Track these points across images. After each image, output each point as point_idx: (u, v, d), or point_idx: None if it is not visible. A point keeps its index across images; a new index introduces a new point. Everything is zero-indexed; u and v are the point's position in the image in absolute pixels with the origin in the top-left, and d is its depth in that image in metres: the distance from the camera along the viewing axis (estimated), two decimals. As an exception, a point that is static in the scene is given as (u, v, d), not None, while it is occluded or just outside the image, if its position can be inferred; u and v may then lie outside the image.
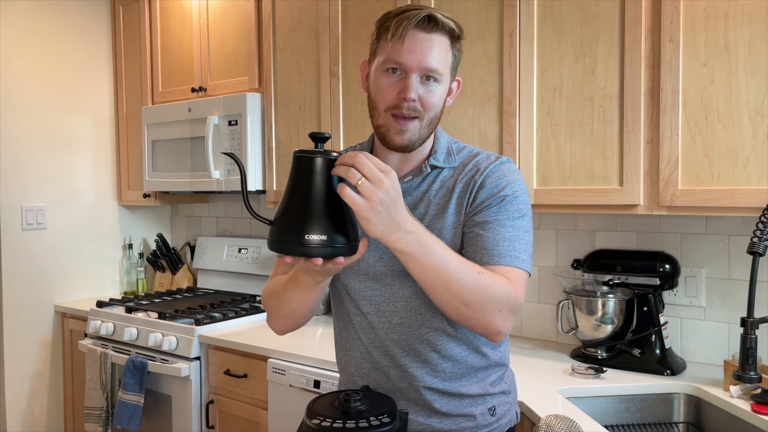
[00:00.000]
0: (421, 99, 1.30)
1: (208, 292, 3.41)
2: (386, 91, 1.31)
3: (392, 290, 1.38)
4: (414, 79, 1.29)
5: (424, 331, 1.37)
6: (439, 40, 1.30)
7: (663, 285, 2.09)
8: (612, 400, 1.93)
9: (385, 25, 1.33)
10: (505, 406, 1.46)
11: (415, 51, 1.28)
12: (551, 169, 2.09)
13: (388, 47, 1.30)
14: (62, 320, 3.30)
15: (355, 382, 1.46)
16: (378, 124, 1.35)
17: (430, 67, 1.29)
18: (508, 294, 1.23)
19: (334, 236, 1.10)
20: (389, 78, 1.31)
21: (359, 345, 1.44)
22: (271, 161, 2.84)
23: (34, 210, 3.19)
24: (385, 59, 1.31)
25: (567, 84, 2.05)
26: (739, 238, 2.08)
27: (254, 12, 2.88)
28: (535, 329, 2.51)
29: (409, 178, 1.40)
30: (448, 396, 1.39)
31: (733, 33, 1.77)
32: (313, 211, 1.10)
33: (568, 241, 2.43)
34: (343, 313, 1.47)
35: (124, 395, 2.68)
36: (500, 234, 1.29)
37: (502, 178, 1.35)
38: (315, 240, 1.09)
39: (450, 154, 1.42)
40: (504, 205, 1.32)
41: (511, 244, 1.28)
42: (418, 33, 1.28)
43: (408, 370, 1.38)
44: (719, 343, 2.12)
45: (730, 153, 1.78)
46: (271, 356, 2.38)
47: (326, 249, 1.10)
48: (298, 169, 1.13)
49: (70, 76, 3.33)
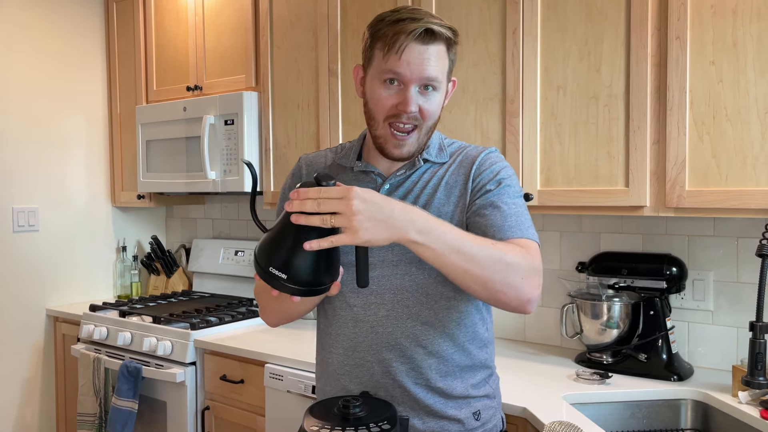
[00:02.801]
0: (420, 109, 1.34)
1: (204, 296, 3.41)
2: (384, 102, 1.34)
3: (380, 282, 1.40)
4: (413, 91, 1.33)
5: (411, 325, 1.39)
6: (437, 50, 1.33)
7: (670, 288, 2.09)
8: (617, 406, 1.93)
9: (380, 34, 1.34)
10: (489, 410, 1.48)
11: (414, 63, 1.31)
12: (555, 170, 2.09)
13: (385, 58, 1.32)
14: (54, 324, 3.30)
15: (338, 381, 1.46)
16: (376, 135, 1.39)
17: (430, 77, 1.33)
18: (525, 258, 1.27)
19: (295, 279, 1.15)
20: (387, 89, 1.34)
21: (343, 341, 1.45)
22: (268, 162, 2.84)
23: (26, 212, 3.19)
24: (382, 70, 1.33)
25: (571, 82, 2.05)
26: (747, 240, 2.08)
27: (251, 9, 2.88)
28: (539, 334, 2.51)
29: (402, 171, 1.44)
30: (432, 393, 1.40)
31: (741, 30, 1.77)
32: (283, 248, 1.15)
33: (572, 244, 2.43)
34: (328, 309, 1.48)
35: (118, 401, 2.67)
36: (506, 211, 1.35)
37: (495, 163, 1.43)
38: (276, 275, 1.14)
39: (442, 149, 1.48)
40: (503, 187, 1.39)
41: (518, 219, 1.35)
42: (416, 46, 1.31)
43: (392, 366, 1.40)
44: (727, 348, 2.12)
45: (738, 153, 1.79)
46: (269, 361, 2.38)
47: (283, 287, 1.15)
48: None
49: (62, 74, 3.33)
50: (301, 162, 1.57)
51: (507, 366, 2.19)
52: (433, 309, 1.39)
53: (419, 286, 1.39)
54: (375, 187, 1.44)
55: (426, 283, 1.39)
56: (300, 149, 2.73)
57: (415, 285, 1.39)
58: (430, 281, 1.39)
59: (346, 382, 1.45)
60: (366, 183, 1.45)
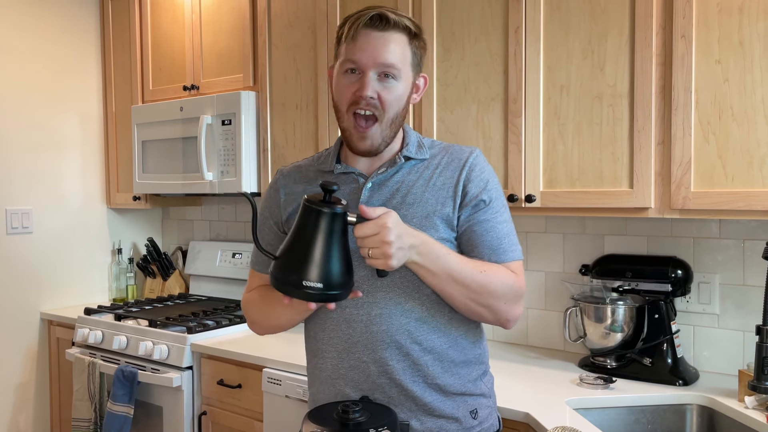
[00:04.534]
0: (379, 96, 1.39)
1: (201, 299, 3.41)
2: (345, 91, 1.41)
3: (369, 282, 1.42)
4: (371, 77, 1.38)
5: (405, 321, 1.41)
6: (394, 37, 1.39)
7: (675, 291, 2.09)
8: (622, 411, 1.92)
9: (343, 29, 1.42)
10: (486, 409, 1.52)
11: (369, 49, 1.37)
12: (558, 171, 2.09)
13: (345, 49, 1.40)
14: (49, 328, 3.30)
15: (333, 385, 1.47)
16: (343, 128, 1.45)
17: (386, 63, 1.38)
18: (512, 286, 1.41)
19: (331, 285, 1.24)
20: (348, 78, 1.41)
21: (337, 343, 1.46)
22: (266, 162, 2.84)
23: (20, 213, 3.18)
24: (342, 60, 1.41)
25: (575, 82, 2.05)
26: (754, 242, 2.08)
27: (249, 7, 2.88)
28: (542, 337, 2.50)
29: (383, 169, 1.48)
30: (430, 390, 1.43)
31: (747, 29, 1.77)
32: (314, 260, 1.23)
33: (575, 246, 2.43)
34: (318, 313, 1.49)
35: (113, 406, 2.67)
36: (500, 232, 1.45)
37: (483, 171, 1.49)
38: (312, 287, 1.23)
39: (420, 146, 1.52)
40: (494, 201, 1.47)
41: (509, 239, 1.46)
42: (371, 32, 1.38)
43: (389, 364, 1.41)
44: (733, 352, 2.12)
45: (744, 154, 1.78)
46: (267, 366, 2.38)
47: (321, 296, 1.25)
48: (305, 218, 1.26)
49: (57, 74, 3.33)
50: (278, 175, 1.62)
51: (509, 370, 2.18)
52: (424, 305, 1.43)
53: (410, 282, 1.41)
54: (358, 186, 1.48)
55: (416, 279, 1.41)
56: (298, 150, 2.73)
57: (405, 281, 1.41)
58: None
59: (341, 385, 1.45)
60: (348, 184, 1.49)
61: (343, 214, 1.26)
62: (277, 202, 1.56)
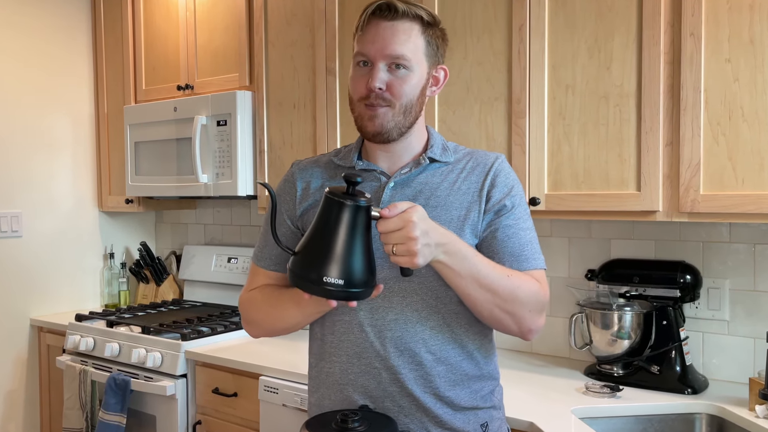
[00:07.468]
0: (389, 87, 1.39)
1: (195, 305, 3.40)
2: (357, 83, 1.42)
3: (387, 285, 1.40)
4: (380, 68, 1.39)
5: (420, 329, 1.41)
6: (404, 26, 1.39)
7: (683, 297, 2.09)
8: (629, 420, 1.92)
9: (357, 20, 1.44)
10: (496, 422, 1.51)
11: (377, 40, 1.38)
12: (563, 173, 2.09)
13: (357, 43, 1.42)
14: (39, 335, 3.29)
15: (340, 391, 1.45)
16: (355, 116, 1.46)
17: (395, 54, 1.38)
18: (536, 294, 1.39)
19: (353, 283, 1.22)
20: (360, 71, 1.42)
21: (348, 347, 1.44)
22: (263, 164, 2.84)
23: (9, 216, 3.18)
24: (355, 53, 1.43)
25: (580, 81, 2.05)
26: (765, 246, 2.08)
27: (245, 4, 2.88)
28: (547, 344, 2.50)
29: (407, 170, 1.47)
30: (440, 402, 1.42)
31: (758, 26, 1.77)
32: (336, 256, 1.21)
33: (581, 250, 2.42)
34: (327, 315, 1.48)
35: (105, 415, 2.66)
36: (522, 238, 1.44)
37: (508, 176, 1.49)
38: (333, 283, 1.20)
39: (445, 149, 1.52)
40: (516, 207, 1.46)
41: (531, 247, 1.45)
42: (380, 22, 1.39)
43: (401, 372, 1.40)
44: (744, 360, 2.12)
45: (755, 155, 1.78)
46: (263, 374, 2.37)
47: (342, 293, 1.22)
48: (327, 211, 1.24)
49: (47, 73, 3.33)
50: (293, 168, 1.59)
51: (514, 378, 2.18)
52: (441, 313, 1.42)
53: (429, 288, 1.41)
54: (379, 186, 1.47)
55: (435, 286, 1.40)
56: (296, 150, 2.72)
57: (424, 288, 1.41)
58: (440, 284, 1.39)
59: (350, 392, 1.44)
60: (369, 182, 1.48)
61: (367, 207, 1.22)
62: (293, 196, 1.54)
